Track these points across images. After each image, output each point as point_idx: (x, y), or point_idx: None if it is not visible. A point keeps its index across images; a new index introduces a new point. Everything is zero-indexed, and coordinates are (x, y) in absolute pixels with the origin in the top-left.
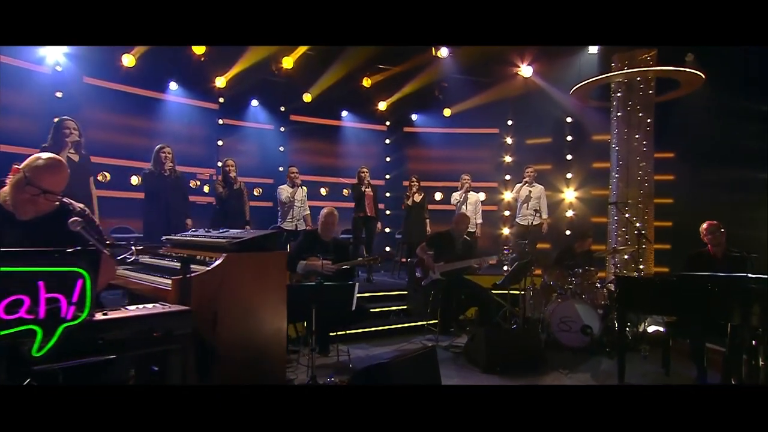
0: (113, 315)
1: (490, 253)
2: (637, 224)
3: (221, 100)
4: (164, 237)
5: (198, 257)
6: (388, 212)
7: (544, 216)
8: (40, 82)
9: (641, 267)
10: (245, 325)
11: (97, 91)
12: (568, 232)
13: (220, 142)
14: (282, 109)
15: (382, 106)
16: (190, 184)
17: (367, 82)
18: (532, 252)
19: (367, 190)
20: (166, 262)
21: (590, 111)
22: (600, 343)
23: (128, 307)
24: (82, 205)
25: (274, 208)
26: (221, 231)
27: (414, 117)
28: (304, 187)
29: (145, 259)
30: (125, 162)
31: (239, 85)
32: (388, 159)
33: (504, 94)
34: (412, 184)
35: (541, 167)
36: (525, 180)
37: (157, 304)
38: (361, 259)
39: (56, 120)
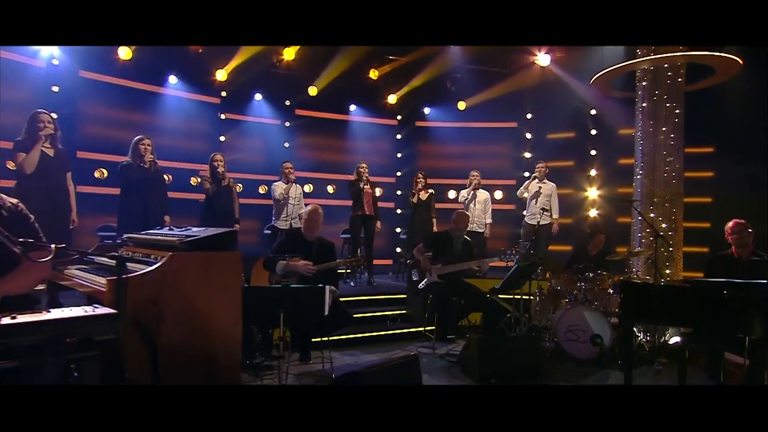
0: (22, 319)
1: (498, 255)
2: (663, 225)
3: (224, 94)
4: (125, 235)
5: (152, 257)
6: (399, 211)
7: (555, 215)
8: (35, 76)
9: (667, 271)
10: (193, 327)
11: (93, 86)
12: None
13: (222, 138)
14: (287, 103)
15: (392, 99)
16: (191, 182)
17: (374, 74)
18: (542, 253)
19: (365, 187)
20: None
21: (617, 103)
22: (611, 355)
23: (51, 310)
24: (15, 201)
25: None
26: (184, 229)
27: (426, 110)
28: (310, 185)
29: (102, 259)
30: (123, 158)
31: (241, 78)
32: (399, 155)
33: (521, 85)
34: (418, 180)
35: (563, 164)
36: (535, 175)
37: (87, 307)
38: (341, 260)
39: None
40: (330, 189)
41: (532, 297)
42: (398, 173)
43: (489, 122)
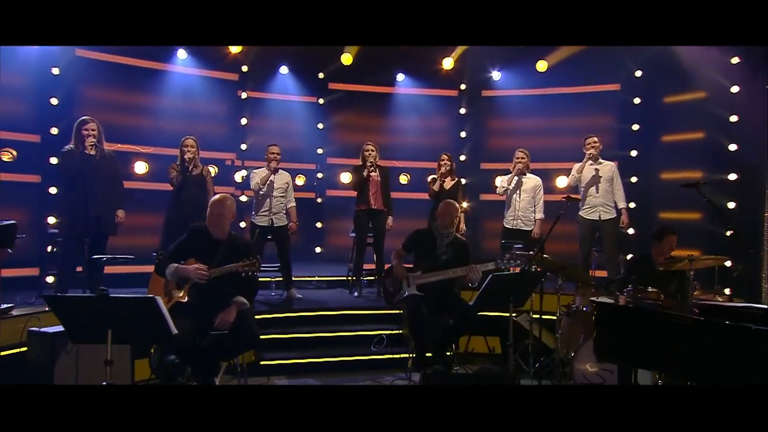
0: None
1: (494, 260)
2: None
3: (244, 68)
4: None
5: None
6: (465, 205)
7: (622, 204)
8: (27, 57)
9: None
10: None
11: (91, 65)
12: (729, 233)
13: (243, 121)
14: (320, 75)
15: (448, 63)
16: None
17: None
18: (610, 260)
19: (373, 174)
20: None
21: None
22: None
23: None
24: None
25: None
26: None
27: (495, 75)
28: (349, 173)
29: None
30: (128, 147)
31: (261, 47)
32: (463, 134)
33: None
34: (442, 163)
35: (688, 136)
36: (590, 154)
37: None
38: (235, 264)
39: None
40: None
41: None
42: (462, 157)
43: (580, 86)
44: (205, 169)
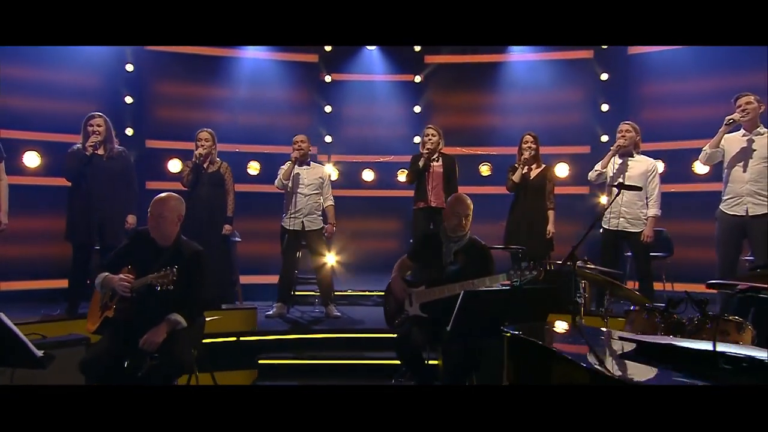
0: None
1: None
2: None
3: (327, 48)
4: None
5: None
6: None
7: None
8: (95, 55)
9: None
10: None
11: (157, 59)
12: None
13: (327, 108)
14: (416, 48)
15: None
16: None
17: None
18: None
19: (434, 164)
20: None
21: None
22: None
23: None
24: None
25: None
26: None
27: None
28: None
29: None
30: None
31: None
32: (604, 107)
33: None
34: (525, 146)
35: None
36: (731, 120)
37: None
38: (150, 276)
39: None
40: (484, 169)
41: None
42: (603, 138)
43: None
44: (223, 165)
